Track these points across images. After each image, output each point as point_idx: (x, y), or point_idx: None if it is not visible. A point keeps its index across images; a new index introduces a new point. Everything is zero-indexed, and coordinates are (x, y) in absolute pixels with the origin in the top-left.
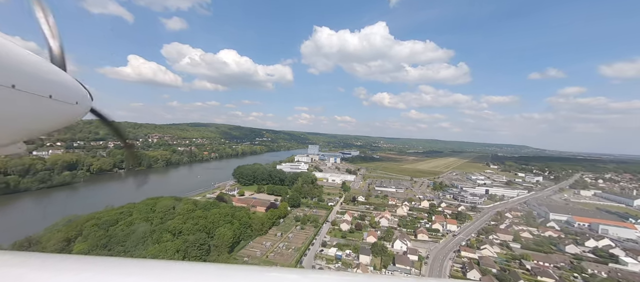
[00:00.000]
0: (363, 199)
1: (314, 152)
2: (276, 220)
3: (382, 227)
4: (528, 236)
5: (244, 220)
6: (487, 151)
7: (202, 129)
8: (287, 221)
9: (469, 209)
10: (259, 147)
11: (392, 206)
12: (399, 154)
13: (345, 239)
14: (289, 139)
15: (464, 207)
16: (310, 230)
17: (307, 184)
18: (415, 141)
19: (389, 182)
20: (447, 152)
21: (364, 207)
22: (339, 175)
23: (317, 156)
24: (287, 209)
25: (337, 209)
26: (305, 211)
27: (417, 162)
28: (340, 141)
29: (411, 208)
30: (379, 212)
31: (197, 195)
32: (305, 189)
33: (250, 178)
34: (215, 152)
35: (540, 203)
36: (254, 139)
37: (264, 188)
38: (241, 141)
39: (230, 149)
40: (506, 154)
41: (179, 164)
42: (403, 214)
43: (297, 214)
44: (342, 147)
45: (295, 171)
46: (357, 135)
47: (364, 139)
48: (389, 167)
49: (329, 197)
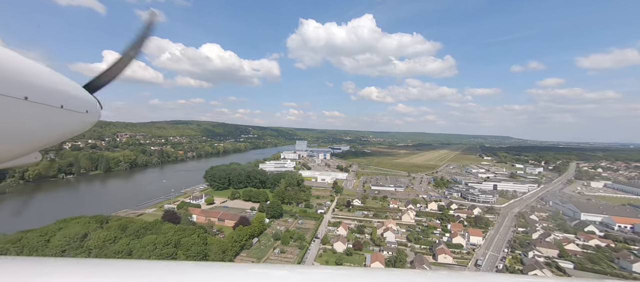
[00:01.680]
0: (359, 203)
1: (302, 148)
2: (247, 241)
3: (388, 243)
4: (575, 249)
5: (195, 249)
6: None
7: (182, 126)
8: (263, 240)
9: (485, 211)
10: (243, 144)
11: (394, 211)
12: (389, 148)
13: (342, 264)
14: (277, 136)
15: (479, 209)
16: (294, 253)
17: (291, 187)
18: (404, 134)
19: (386, 180)
20: (436, 145)
21: (361, 213)
22: (329, 173)
23: (305, 152)
24: (263, 224)
25: (328, 218)
26: (288, 223)
27: (409, 155)
28: (329, 136)
29: (418, 212)
30: (381, 219)
31: (152, 206)
32: (289, 192)
33: (224, 181)
34: (192, 152)
35: (563, 201)
36: (239, 136)
37: (240, 193)
38: (225, 138)
39: (211, 147)
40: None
41: (147, 165)
42: (410, 221)
43: (277, 228)
44: (331, 142)
45: (280, 169)
46: (346, 130)
47: (353, 133)
48: (382, 162)
49: (319, 201)
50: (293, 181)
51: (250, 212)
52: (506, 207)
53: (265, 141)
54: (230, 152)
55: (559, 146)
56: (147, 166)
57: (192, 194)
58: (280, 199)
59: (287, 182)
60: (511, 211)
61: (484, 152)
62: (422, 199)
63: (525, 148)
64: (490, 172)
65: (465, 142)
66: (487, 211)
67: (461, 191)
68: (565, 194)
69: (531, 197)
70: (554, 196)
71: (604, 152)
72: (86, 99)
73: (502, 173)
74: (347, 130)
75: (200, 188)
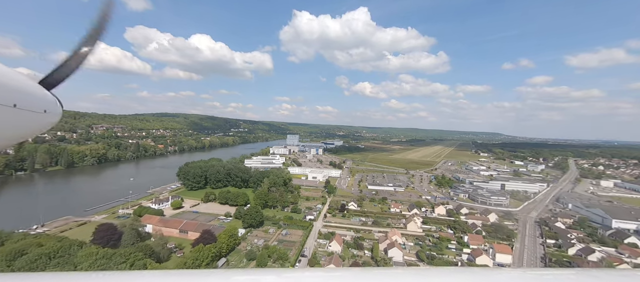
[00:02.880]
0: (355, 206)
1: (293, 143)
2: (213, 263)
3: (394, 263)
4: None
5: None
6: (465, 139)
7: (167, 119)
8: (234, 259)
9: (501, 217)
10: (232, 138)
11: (397, 217)
12: (383, 144)
13: None
14: (268, 130)
15: (495, 215)
16: None
17: (276, 187)
18: (396, 130)
19: (383, 178)
20: (429, 141)
21: (358, 220)
22: (321, 170)
23: (296, 147)
24: (236, 237)
25: (319, 227)
26: (269, 234)
27: (404, 151)
28: (322, 131)
29: (425, 219)
30: (382, 228)
31: (103, 212)
32: (274, 194)
33: (200, 179)
34: (175, 146)
35: (585, 204)
36: (228, 130)
37: (216, 194)
38: (213, 132)
39: (195, 141)
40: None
41: (119, 160)
42: (417, 230)
43: (255, 242)
44: (324, 137)
45: (267, 166)
46: (339, 126)
47: (346, 129)
48: (377, 158)
49: (308, 204)
50: (279, 179)
51: (224, 219)
52: (521, 211)
53: (256, 135)
54: (217, 147)
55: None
56: (119, 161)
57: (160, 195)
58: (263, 202)
59: (272, 181)
60: (528, 215)
61: (478, 149)
62: (427, 202)
63: (518, 145)
64: (491, 170)
65: (457, 138)
66: (503, 216)
67: (468, 191)
68: (579, 194)
69: (544, 198)
70: (571, 197)
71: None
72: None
73: (504, 171)
74: (340, 126)
75: (171, 188)
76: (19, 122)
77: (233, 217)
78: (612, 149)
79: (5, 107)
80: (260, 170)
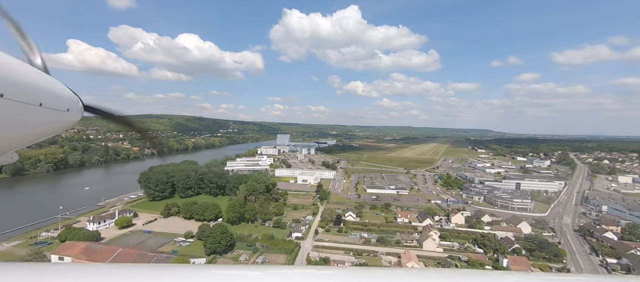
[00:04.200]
0: (353, 217)
1: (284, 142)
2: None
3: None
4: None
5: None
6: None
7: (151, 120)
8: None
9: (535, 226)
10: (218, 139)
11: (406, 229)
12: (378, 142)
13: None
14: (259, 130)
15: (528, 225)
16: None
17: (257, 195)
18: (389, 128)
19: (382, 179)
20: (423, 138)
21: (358, 236)
22: (312, 171)
23: (286, 148)
24: None
25: (308, 249)
26: (240, 263)
27: (400, 149)
28: (315, 130)
29: (442, 232)
30: (390, 249)
31: (19, 237)
32: (252, 204)
33: (166, 186)
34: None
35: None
36: (217, 130)
37: (179, 206)
38: (200, 133)
39: (178, 143)
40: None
41: (83, 165)
42: (436, 250)
43: None
44: (317, 137)
45: (252, 168)
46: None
47: (339, 128)
48: (373, 157)
49: (296, 214)
50: (258, 186)
51: (182, 243)
52: (551, 216)
53: (246, 136)
54: (202, 148)
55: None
56: (83, 166)
57: (111, 209)
58: (237, 215)
59: (250, 188)
60: (562, 221)
61: (474, 145)
62: (438, 207)
63: (509, 140)
64: (495, 167)
65: (449, 135)
66: (536, 224)
67: (482, 193)
68: (603, 192)
69: (568, 198)
70: (599, 197)
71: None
72: (67, 96)
73: (510, 167)
74: (333, 125)
75: (129, 198)
76: (44, 121)
77: (195, 237)
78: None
79: (32, 106)
80: (245, 172)
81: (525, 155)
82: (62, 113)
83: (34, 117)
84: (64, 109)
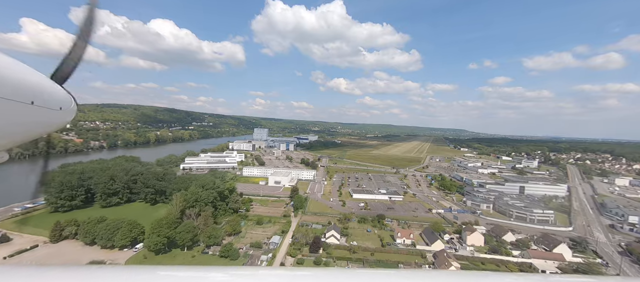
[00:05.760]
0: (337, 238)
1: (261, 137)
2: None
3: None
4: None
5: None
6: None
7: (110, 110)
8: None
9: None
10: (188, 132)
11: (410, 257)
12: (360, 139)
13: None
14: (237, 125)
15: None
16: None
17: (201, 205)
18: (371, 126)
19: (370, 181)
20: (404, 137)
21: None
22: (289, 170)
23: (263, 143)
24: None
25: None
26: None
27: (383, 146)
28: (297, 126)
29: (461, 261)
30: None
31: None
32: (191, 222)
33: (77, 192)
34: (104, 140)
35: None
36: (190, 123)
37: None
38: (170, 125)
39: (137, 135)
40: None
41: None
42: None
43: None
44: (299, 133)
45: (217, 166)
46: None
47: (321, 124)
48: (358, 155)
49: (259, 233)
50: (206, 193)
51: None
52: (578, 230)
53: (222, 130)
54: (168, 142)
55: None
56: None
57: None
58: (165, 239)
59: (192, 196)
60: (594, 238)
61: (456, 144)
62: (443, 220)
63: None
64: (487, 167)
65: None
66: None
67: (488, 199)
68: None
69: (580, 205)
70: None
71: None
72: (59, 94)
73: (500, 167)
74: (315, 122)
75: (25, 207)
76: (36, 120)
77: None
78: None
79: (23, 104)
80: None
81: (508, 155)
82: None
83: (24, 116)
84: (57, 108)
